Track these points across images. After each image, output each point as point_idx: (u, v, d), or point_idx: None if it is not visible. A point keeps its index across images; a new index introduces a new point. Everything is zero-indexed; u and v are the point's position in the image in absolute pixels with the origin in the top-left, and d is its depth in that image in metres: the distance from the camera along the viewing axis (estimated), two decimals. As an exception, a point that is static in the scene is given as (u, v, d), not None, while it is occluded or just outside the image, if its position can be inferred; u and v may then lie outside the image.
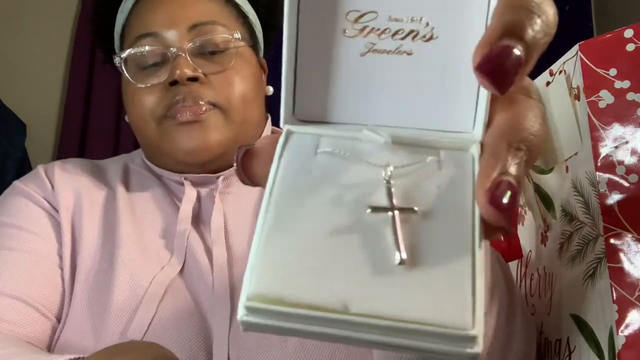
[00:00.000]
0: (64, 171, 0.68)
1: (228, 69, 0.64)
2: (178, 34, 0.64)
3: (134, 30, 0.66)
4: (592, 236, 0.40)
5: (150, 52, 0.64)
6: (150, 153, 0.70)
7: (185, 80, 0.62)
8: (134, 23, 0.67)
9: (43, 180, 0.67)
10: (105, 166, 0.72)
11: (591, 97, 0.39)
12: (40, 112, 2.25)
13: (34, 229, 0.62)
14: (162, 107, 0.63)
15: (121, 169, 0.71)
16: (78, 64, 2.27)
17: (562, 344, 0.45)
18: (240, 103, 0.65)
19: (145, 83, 0.64)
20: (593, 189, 0.39)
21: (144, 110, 0.65)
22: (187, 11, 0.65)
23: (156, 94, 0.64)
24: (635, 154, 0.38)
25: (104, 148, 2.22)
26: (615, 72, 0.39)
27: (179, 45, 0.63)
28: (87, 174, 0.69)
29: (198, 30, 0.64)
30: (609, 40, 0.39)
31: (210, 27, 0.64)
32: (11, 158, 1.98)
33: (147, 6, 0.66)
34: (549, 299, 0.49)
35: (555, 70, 0.45)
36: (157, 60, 0.64)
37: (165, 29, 0.64)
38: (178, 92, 0.62)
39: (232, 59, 0.65)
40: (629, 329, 0.36)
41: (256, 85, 0.68)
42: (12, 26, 2.27)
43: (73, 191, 0.66)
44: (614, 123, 0.38)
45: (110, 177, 0.70)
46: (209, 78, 0.64)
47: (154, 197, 0.67)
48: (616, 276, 0.37)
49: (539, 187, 0.51)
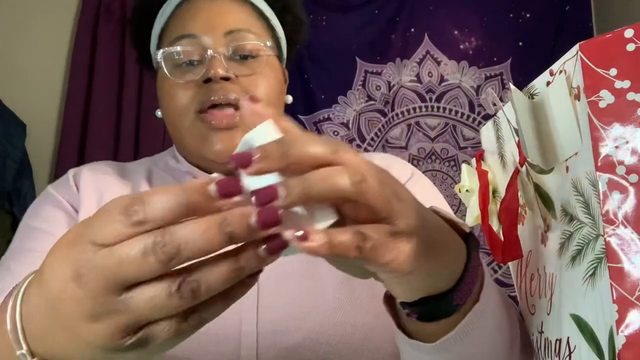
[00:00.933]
0: (90, 173, 0.74)
1: (257, 73, 0.71)
2: (215, 37, 0.70)
3: (174, 31, 0.73)
4: (592, 236, 0.40)
5: (188, 51, 0.71)
6: (181, 147, 0.75)
7: (218, 79, 0.68)
8: (174, 25, 0.74)
9: (70, 184, 0.73)
10: (131, 168, 0.78)
11: (591, 97, 0.39)
12: (40, 112, 2.25)
13: (54, 230, 0.67)
14: (196, 102, 0.69)
15: (145, 171, 0.77)
16: (78, 64, 2.27)
17: (562, 344, 0.45)
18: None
19: (182, 79, 0.70)
20: (593, 189, 0.39)
21: (179, 104, 0.70)
22: (224, 18, 0.72)
23: (191, 89, 0.70)
24: (635, 154, 0.38)
25: (104, 148, 2.22)
26: (615, 72, 0.39)
27: (214, 48, 0.70)
28: (112, 175, 0.75)
29: (233, 36, 0.71)
30: (609, 40, 0.39)
31: (243, 34, 0.71)
32: (11, 158, 1.98)
33: (188, 11, 0.73)
34: (549, 299, 0.49)
35: (555, 70, 0.45)
36: (193, 59, 0.71)
37: (204, 32, 0.70)
38: (211, 89, 0.68)
39: (262, 64, 0.72)
40: (629, 329, 0.36)
41: (279, 91, 0.75)
42: (12, 26, 2.27)
43: (96, 192, 0.71)
44: (614, 123, 0.38)
45: (135, 179, 0.75)
46: (239, 79, 0.70)
47: None
48: (616, 276, 0.37)
49: (539, 187, 0.51)
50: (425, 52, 2.41)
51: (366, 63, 2.39)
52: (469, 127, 2.37)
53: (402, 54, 2.40)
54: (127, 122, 2.23)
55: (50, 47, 2.31)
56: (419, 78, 2.40)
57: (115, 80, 2.25)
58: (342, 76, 2.37)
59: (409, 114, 2.38)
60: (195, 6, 0.73)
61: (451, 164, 2.35)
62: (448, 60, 2.40)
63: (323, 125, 2.36)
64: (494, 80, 2.39)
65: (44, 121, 2.26)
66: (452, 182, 2.32)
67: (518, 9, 2.41)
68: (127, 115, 2.23)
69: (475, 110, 2.38)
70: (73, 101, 2.25)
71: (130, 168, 0.78)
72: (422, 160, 2.35)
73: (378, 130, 2.37)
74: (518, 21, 2.41)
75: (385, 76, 2.40)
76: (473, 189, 0.62)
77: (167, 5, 0.76)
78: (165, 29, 0.75)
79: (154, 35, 0.77)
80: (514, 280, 0.62)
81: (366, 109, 2.38)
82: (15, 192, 2.00)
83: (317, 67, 2.32)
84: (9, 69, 2.23)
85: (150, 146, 2.21)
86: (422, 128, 2.37)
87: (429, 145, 2.36)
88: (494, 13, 2.41)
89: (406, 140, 2.36)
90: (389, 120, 2.37)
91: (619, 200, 0.38)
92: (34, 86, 2.26)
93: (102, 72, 2.25)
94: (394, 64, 2.40)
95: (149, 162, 0.80)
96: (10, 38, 2.26)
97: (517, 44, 2.39)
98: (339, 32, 2.36)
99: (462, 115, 2.38)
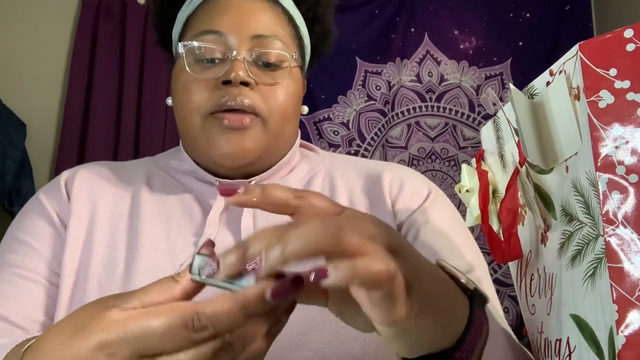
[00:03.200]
0: (84, 179, 0.71)
1: (278, 84, 0.68)
2: (240, 39, 0.67)
3: (201, 24, 0.70)
4: (592, 236, 0.40)
5: (211, 49, 0.68)
6: (188, 144, 0.72)
7: (238, 83, 0.66)
8: (202, 17, 0.70)
9: (61, 191, 0.69)
10: (130, 169, 0.75)
11: (591, 97, 0.39)
12: (40, 112, 2.25)
13: (37, 245, 0.65)
14: (210, 103, 0.67)
15: (145, 173, 0.74)
16: (78, 64, 2.27)
17: (562, 344, 0.45)
18: (280, 117, 0.69)
19: (201, 75, 0.68)
20: (593, 189, 0.39)
21: (193, 101, 0.68)
22: (253, 20, 0.69)
23: (208, 89, 0.67)
24: (635, 154, 0.38)
25: (104, 148, 2.22)
26: (615, 72, 0.39)
27: (238, 50, 0.67)
28: (108, 181, 0.71)
29: (259, 42, 0.68)
30: (609, 40, 0.39)
31: (270, 41, 0.69)
32: (11, 158, 1.98)
33: (217, 6, 0.70)
34: (549, 299, 0.49)
35: (555, 70, 0.45)
36: (215, 57, 0.68)
37: (230, 31, 0.68)
38: (228, 92, 0.66)
39: (285, 76, 0.69)
40: (629, 329, 0.36)
41: (297, 104, 0.73)
42: (12, 26, 2.27)
43: (89, 201, 0.68)
44: (614, 123, 0.38)
45: (134, 181, 0.72)
46: (259, 87, 0.68)
47: (179, 201, 0.69)
48: (616, 276, 0.37)
49: (539, 187, 0.51)
50: (425, 52, 2.41)
51: (366, 63, 2.39)
52: (469, 127, 2.37)
53: (402, 54, 2.40)
54: (127, 122, 2.23)
55: (50, 47, 2.31)
56: (419, 78, 2.40)
57: (115, 80, 2.25)
58: (342, 76, 2.37)
59: (409, 113, 2.38)
60: (226, 1, 0.70)
61: (451, 164, 2.35)
62: (448, 60, 2.40)
63: (323, 125, 2.36)
64: (494, 80, 2.39)
65: (44, 121, 2.26)
66: (452, 182, 2.32)
67: (518, 9, 2.41)
68: (127, 115, 2.23)
69: (475, 110, 2.38)
70: (73, 101, 2.25)
71: (129, 169, 0.75)
72: (422, 160, 2.35)
73: (378, 130, 2.37)
74: (518, 21, 2.41)
75: (385, 76, 2.40)
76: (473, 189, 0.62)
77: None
78: (191, 18, 0.72)
79: (179, 22, 0.74)
80: (514, 280, 0.62)
81: (366, 109, 2.38)
82: (15, 191, 2.01)
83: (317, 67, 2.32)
84: (9, 69, 2.23)
85: (150, 146, 2.21)
86: (422, 128, 2.37)
87: (429, 145, 2.36)
88: (494, 13, 2.41)
89: (406, 140, 2.36)
90: (389, 120, 2.37)
91: (618, 200, 0.38)
92: (34, 86, 2.26)
93: (102, 72, 2.25)
94: (394, 63, 2.40)
95: (150, 162, 0.77)
96: (10, 38, 2.26)
97: (517, 44, 2.39)
98: (339, 32, 2.35)
99: (462, 115, 2.38)
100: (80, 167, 0.73)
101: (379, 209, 0.70)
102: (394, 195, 0.71)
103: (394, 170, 0.75)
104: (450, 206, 0.74)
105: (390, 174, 0.73)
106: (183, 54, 0.69)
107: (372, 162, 0.78)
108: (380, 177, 0.72)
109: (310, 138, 2.33)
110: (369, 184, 0.73)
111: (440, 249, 0.67)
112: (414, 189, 0.72)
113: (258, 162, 0.70)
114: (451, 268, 0.44)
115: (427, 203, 0.71)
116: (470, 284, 0.44)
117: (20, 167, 2.03)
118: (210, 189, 0.71)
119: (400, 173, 0.74)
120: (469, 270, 0.66)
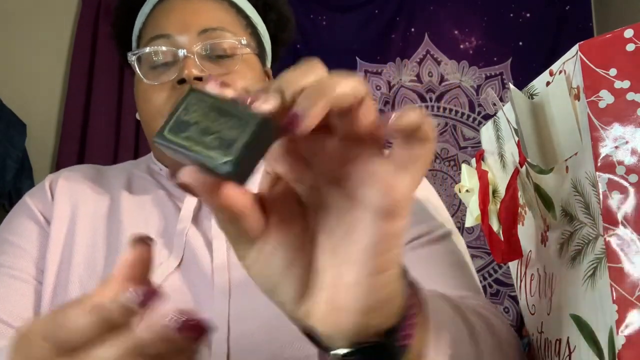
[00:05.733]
0: (67, 181, 0.72)
1: (232, 72, 0.68)
2: (189, 37, 0.68)
3: (149, 31, 0.71)
4: (592, 236, 0.40)
5: (161, 52, 0.69)
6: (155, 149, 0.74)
7: (192, 79, 0.66)
8: (150, 25, 0.72)
9: (45, 192, 0.71)
10: (111, 173, 0.76)
11: (591, 97, 0.39)
12: (40, 112, 2.25)
13: (24, 244, 0.66)
14: (169, 104, 0.67)
15: (125, 176, 0.75)
16: (78, 64, 2.27)
17: (562, 344, 0.45)
18: None
19: (155, 81, 0.68)
20: (593, 189, 0.39)
21: (153, 106, 0.68)
22: (198, 17, 0.69)
23: (165, 91, 0.68)
24: (635, 154, 0.38)
25: (104, 148, 2.22)
26: (615, 72, 0.39)
27: (188, 48, 0.67)
28: (89, 184, 0.72)
29: (207, 35, 0.68)
30: (609, 40, 0.39)
31: (219, 33, 0.69)
32: (11, 158, 1.98)
33: (163, 11, 0.71)
34: (549, 299, 0.49)
35: (555, 70, 0.45)
36: (167, 60, 0.68)
37: (177, 32, 0.68)
38: (185, 90, 0.66)
39: (237, 63, 0.69)
40: (629, 329, 0.36)
41: None
42: (12, 26, 2.27)
43: (71, 203, 0.69)
44: (614, 123, 0.38)
45: (113, 184, 0.73)
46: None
47: (156, 200, 0.70)
48: (616, 276, 0.37)
49: (539, 187, 0.51)
50: (425, 52, 2.41)
51: (366, 63, 2.39)
52: (469, 127, 2.37)
53: (402, 54, 2.40)
54: (127, 122, 2.23)
55: (50, 47, 2.31)
56: (419, 78, 2.40)
57: (115, 80, 2.25)
58: (342, 76, 2.37)
59: (409, 114, 2.38)
60: (170, 5, 0.71)
61: (451, 164, 2.35)
62: (448, 60, 2.40)
63: (323, 125, 2.36)
64: (494, 80, 2.39)
65: (44, 121, 2.26)
66: (452, 182, 2.32)
67: (518, 9, 2.41)
68: (127, 115, 2.23)
69: (475, 110, 2.38)
70: (73, 101, 2.25)
71: (109, 174, 0.76)
72: (422, 160, 2.35)
73: (378, 130, 2.37)
74: (518, 21, 2.41)
75: (385, 76, 2.40)
76: (473, 189, 0.62)
77: (145, 6, 0.74)
78: (142, 29, 0.74)
79: (134, 36, 0.76)
80: (514, 280, 0.62)
81: (366, 109, 2.38)
82: (16, 192, 2.01)
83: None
84: (9, 69, 2.23)
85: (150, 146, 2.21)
86: (422, 128, 2.37)
87: (429, 145, 2.36)
88: (494, 13, 2.41)
89: (406, 140, 2.36)
90: (389, 120, 2.37)
91: (618, 201, 0.38)
92: (34, 86, 2.27)
93: (102, 72, 2.25)
94: (394, 63, 2.40)
95: (131, 165, 0.78)
96: (10, 38, 2.26)
97: (517, 44, 2.39)
98: (339, 32, 2.36)
99: (462, 115, 2.38)
100: (64, 170, 0.75)
101: None
102: None
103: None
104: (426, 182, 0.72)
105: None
106: (134, 63, 0.70)
107: None
108: None
109: (310, 138, 2.34)
110: None
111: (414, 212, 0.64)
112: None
113: None
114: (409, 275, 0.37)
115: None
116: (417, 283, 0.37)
117: (20, 167, 2.03)
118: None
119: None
120: (440, 225, 0.64)
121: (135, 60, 0.70)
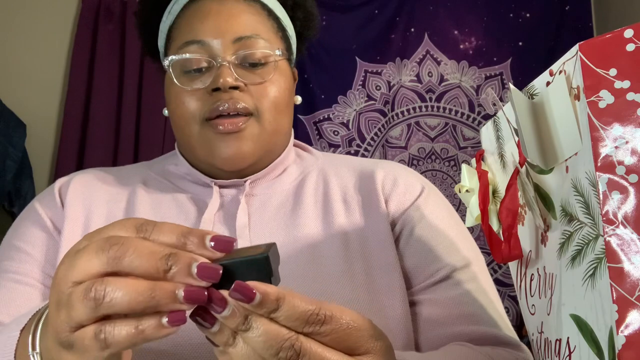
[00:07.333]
0: (79, 185, 0.72)
1: (266, 81, 0.70)
2: (223, 44, 0.69)
3: (183, 35, 0.71)
4: (592, 236, 0.40)
5: (197, 59, 0.69)
6: (186, 150, 0.74)
7: (227, 88, 0.67)
8: (183, 27, 0.72)
9: (55, 199, 0.70)
10: (124, 175, 0.76)
11: (591, 97, 0.39)
12: (40, 112, 2.25)
13: (32, 251, 0.66)
14: (204, 111, 0.68)
15: (140, 177, 0.75)
16: (78, 64, 2.27)
17: (562, 344, 0.45)
18: (273, 113, 0.70)
19: (190, 86, 0.69)
20: (593, 189, 0.39)
21: (187, 111, 0.69)
22: (233, 24, 0.70)
23: (199, 98, 0.69)
24: (635, 154, 0.38)
25: (103, 148, 2.22)
26: (615, 72, 0.39)
27: (223, 56, 0.68)
28: (103, 185, 0.72)
29: (242, 43, 0.69)
30: (609, 40, 0.39)
31: (253, 41, 0.70)
32: (11, 158, 1.98)
33: (196, 14, 0.71)
34: (549, 299, 0.49)
35: (555, 70, 0.45)
36: (201, 67, 0.69)
37: (212, 39, 0.69)
38: (219, 98, 0.67)
39: (271, 72, 0.70)
40: (629, 329, 0.36)
41: (289, 96, 0.73)
42: (12, 26, 2.27)
43: (84, 205, 0.69)
44: (614, 123, 0.38)
45: (128, 186, 0.73)
46: (249, 87, 0.69)
47: (177, 204, 0.70)
48: (616, 276, 0.37)
49: (539, 187, 0.50)
50: (425, 52, 2.41)
51: (366, 63, 2.39)
52: (469, 127, 2.37)
53: (402, 54, 2.40)
54: (127, 122, 2.23)
55: (50, 47, 2.31)
56: (419, 78, 2.40)
57: (115, 80, 2.25)
58: (342, 76, 2.38)
59: (409, 113, 2.38)
60: (205, 8, 0.71)
61: (451, 164, 2.35)
62: (448, 60, 2.40)
63: (323, 125, 2.36)
64: (494, 80, 2.39)
65: (44, 121, 2.27)
66: (452, 182, 2.32)
67: (518, 9, 2.41)
68: (127, 115, 2.23)
69: (475, 110, 2.38)
70: (73, 101, 2.25)
71: (124, 174, 0.76)
72: (422, 160, 2.35)
73: (378, 130, 2.37)
74: (518, 21, 2.41)
75: (385, 76, 2.40)
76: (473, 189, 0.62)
77: (176, 4, 0.74)
78: (173, 29, 0.73)
79: (162, 33, 0.75)
80: (514, 280, 0.62)
81: (366, 109, 2.38)
82: (15, 192, 2.01)
83: (317, 67, 2.32)
84: (9, 69, 2.23)
85: (150, 146, 2.21)
86: (422, 128, 2.37)
87: (429, 145, 2.36)
88: (494, 13, 2.41)
89: (406, 140, 2.36)
90: (389, 120, 2.37)
91: (618, 201, 0.38)
92: (34, 86, 2.27)
93: (102, 72, 2.25)
94: (394, 64, 2.40)
95: (145, 167, 0.78)
96: (10, 38, 2.26)
97: (517, 44, 2.39)
98: (339, 32, 2.36)
99: (462, 115, 2.38)
100: (75, 174, 0.75)
101: (371, 206, 0.70)
102: (387, 192, 0.71)
103: (386, 167, 0.75)
104: (444, 201, 0.75)
105: (383, 171, 0.74)
106: (170, 68, 0.70)
107: (365, 160, 0.79)
108: (373, 174, 0.73)
109: (310, 138, 2.34)
110: (362, 181, 0.73)
111: (436, 244, 0.68)
112: (407, 186, 0.72)
113: (258, 163, 0.71)
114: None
115: (421, 199, 0.71)
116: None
117: (20, 167, 2.04)
118: (206, 190, 0.72)
119: (393, 170, 0.75)
120: (465, 265, 0.67)
121: (170, 65, 0.71)
